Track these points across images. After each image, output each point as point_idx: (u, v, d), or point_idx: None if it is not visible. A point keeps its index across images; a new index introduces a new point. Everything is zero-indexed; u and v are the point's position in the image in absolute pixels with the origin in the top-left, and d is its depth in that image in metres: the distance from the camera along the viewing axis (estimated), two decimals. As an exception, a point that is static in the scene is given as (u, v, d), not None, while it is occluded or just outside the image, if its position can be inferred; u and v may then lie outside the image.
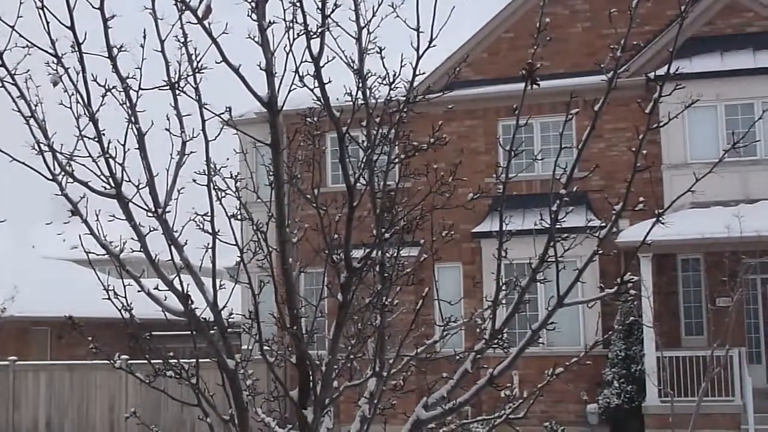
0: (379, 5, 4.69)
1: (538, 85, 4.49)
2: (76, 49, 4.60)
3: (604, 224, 4.86)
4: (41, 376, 24.66)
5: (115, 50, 4.58)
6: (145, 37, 4.54)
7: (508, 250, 4.85)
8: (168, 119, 4.69)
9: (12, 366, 24.88)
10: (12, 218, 51.88)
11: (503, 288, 4.75)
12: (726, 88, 21.42)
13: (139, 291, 4.89)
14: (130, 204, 4.69)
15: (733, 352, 20.45)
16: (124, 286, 4.95)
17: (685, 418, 20.16)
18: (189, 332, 4.80)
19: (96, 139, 4.66)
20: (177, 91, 4.64)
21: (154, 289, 4.77)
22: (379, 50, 4.81)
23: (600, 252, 4.73)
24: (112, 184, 4.67)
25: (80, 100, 4.66)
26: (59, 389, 24.38)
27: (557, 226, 4.57)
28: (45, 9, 4.54)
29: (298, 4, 4.50)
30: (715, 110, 21.53)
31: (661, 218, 4.60)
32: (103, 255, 4.81)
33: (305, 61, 4.55)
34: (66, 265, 31.31)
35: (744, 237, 19.46)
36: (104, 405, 23.50)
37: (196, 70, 4.60)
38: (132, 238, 4.74)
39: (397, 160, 5.04)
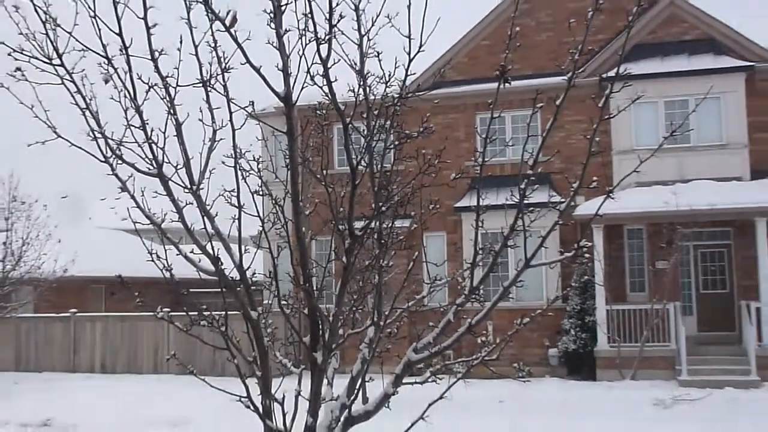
0: (377, 16, 4.67)
1: (510, 84, 4.50)
2: (124, 52, 4.58)
3: (563, 200, 4.87)
4: (97, 326, 24.75)
5: (157, 53, 4.55)
6: (181, 42, 4.52)
7: (484, 221, 4.86)
8: (201, 111, 4.68)
9: (73, 317, 24.96)
10: (72, 195, 51.86)
11: (480, 252, 4.77)
12: (665, 86, 21.40)
13: (177, 255, 4.91)
14: (170, 182, 4.69)
15: (669, 306, 20.56)
16: (165, 251, 4.95)
17: (629, 360, 20.32)
18: (219, 289, 4.83)
19: (141, 128, 4.66)
20: (208, 88, 4.63)
21: (190, 252, 4.78)
22: (377, 54, 4.79)
23: (560, 223, 4.74)
24: (155, 166, 4.67)
25: (127, 95, 4.66)
26: (112, 336, 24.49)
27: (525, 202, 4.60)
28: (97, 18, 4.51)
29: (309, 15, 4.48)
30: (657, 105, 21.52)
31: (610, 195, 4.62)
32: (148, 225, 4.81)
33: (315, 63, 4.54)
34: (117, 234, 31.31)
35: (679, 211, 19.49)
36: (150, 349, 23.63)
37: (225, 71, 4.58)
38: (171, 211, 4.75)
39: (391, 146, 5.03)
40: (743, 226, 21.28)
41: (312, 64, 4.55)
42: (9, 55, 4.61)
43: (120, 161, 4.75)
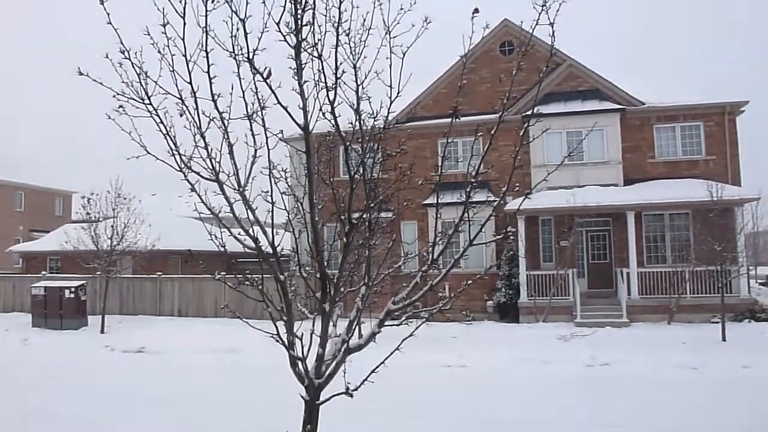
0: (369, 72, 4.62)
1: (459, 119, 4.46)
2: (193, 95, 4.52)
3: (496, 200, 4.84)
4: (175, 284, 24.62)
5: (216, 96, 4.49)
6: (233, 88, 4.46)
7: (441, 214, 4.83)
8: (246, 137, 4.62)
9: (159, 278, 24.83)
10: (159, 193, 51.50)
11: (438, 236, 4.74)
12: (566, 122, 21.47)
13: (229, 236, 4.85)
14: (224, 185, 4.63)
15: (568, 271, 20.68)
16: (221, 233, 4.90)
17: (541, 308, 20.43)
18: (258, 259, 4.77)
19: (204, 148, 4.60)
20: (251, 121, 4.57)
21: (239, 234, 4.73)
22: (368, 98, 4.73)
23: (493, 215, 4.72)
24: (214, 174, 4.61)
25: (195, 125, 4.59)
26: (186, 291, 24.36)
27: (469, 201, 4.56)
28: (175, 72, 4.45)
29: (321, 71, 4.44)
30: (561, 134, 21.57)
31: (528, 196, 4.60)
32: (209, 215, 4.76)
33: (325, 104, 4.49)
34: (189, 221, 31.12)
35: (576, 206, 19.60)
36: (211, 301, 23.51)
37: (262, 108, 4.52)
38: (225, 205, 4.70)
39: (378, 162, 4.99)
40: (618, 217, 21.42)
41: (323, 104, 4.50)
42: (113, 96, 4.55)
43: (190, 170, 4.68)
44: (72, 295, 21.51)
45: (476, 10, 4.36)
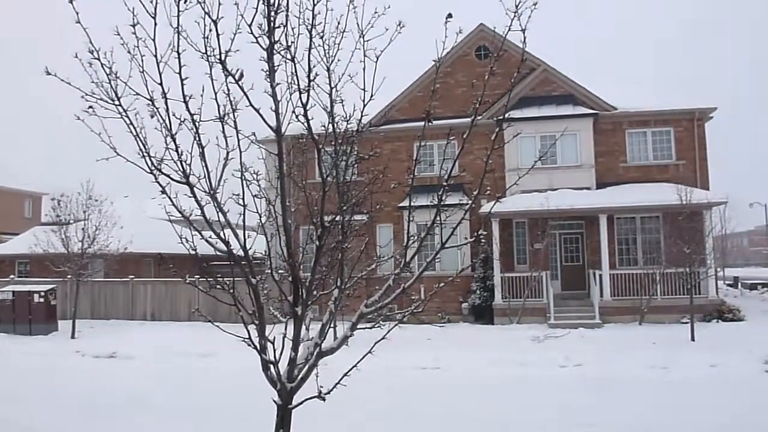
0: (342, 75, 4.61)
1: (432, 123, 4.48)
2: (164, 96, 4.45)
3: (468, 202, 4.87)
4: (148, 288, 24.29)
5: (187, 98, 4.43)
6: (204, 89, 4.41)
7: (415, 216, 4.84)
8: (218, 139, 4.56)
9: (131, 282, 24.46)
10: (132, 195, 50.70)
11: (411, 239, 4.74)
12: (540, 126, 21.71)
13: (200, 239, 4.79)
14: (195, 188, 4.57)
15: (542, 273, 20.89)
16: (192, 236, 4.83)
17: (516, 310, 20.60)
18: (229, 262, 4.72)
19: (175, 150, 4.53)
20: (223, 123, 4.52)
21: (209, 237, 4.66)
22: (341, 101, 4.72)
23: (466, 218, 4.75)
24: (184, 177, 4.55)
25: (166, 127, 4.53)
26: (159, 295, 24.04)
27: (443, 203, 4.58)
28: (145, 72, 4.39)
29: (294, 74, 4.42)
30: (535, 138, 21.79)
31: (499, 200, 4.64)
32: (180, 217, 4.70)
33: (298, 106, 4.47)
34: (162, 223, 30.66)
35: (549, 209, 19.81)
36: (185, 305, 23.24)
37: (234, 110, 4.48)
38: (196, 208, 4.64)
39: (351, 165, 4.98)
40: (591, 220, 21.71)
41: (296, 107, 4.48)
42: (82, 97, 4.46)
43: (160, 173, 4.61)
44: (41, 300, 21.05)
45: (450, 15, 4.39)
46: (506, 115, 4.54)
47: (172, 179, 4.60)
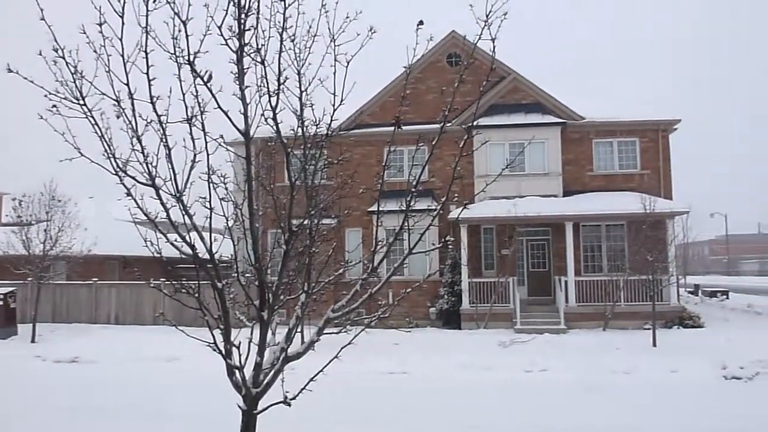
0: (313, 79, 4.62)
1: (402, 128, 4.50)
2: (131, 97, 4.40)
3: (435, 208, 4.90)
4: (112, 291, 23.77)
5: (155, 99, 4.38)
6: (171, 90, 4.36)
7: (384, 221, 4.85)
8: (185, 141, 4.51)
9: (94, 284, 23.91)
10: (97, 196, 49.61)
11: (379, 244, 4.75)
12: (509, 133, 21.93)
13: (166, 242, 4.72)
14: (161, 191, 4.51)
15: (509, 279, 21.10)
16: (158, 239, 4.76)
17: (483, 315, 20.76)
18: (195, 266, 4.66)
19: (141, 152, 4.46)
20: (191, 125, 4.47)
21: (175, 240, 4.60)
22: (311, 105, 4.72)
23: (434, 224, 4.77)
24: (150, 179, 4.48)
25: (132, 128, 4.46)
26: (123, 298, 23.55)
27: (410, 209, 4.60)
28: (111, 72, 4.32)
29: (264, 76, 4.40)
30: (504, 146, 22.01)
31: (466, 206, 4.68)
32: (146, 219, 4.62)
33: (267, 109, 4.45)
34: (128, 225, 30.06)
35: (517, 216, 20.04)
36: (150, 308, 22.79)
37: (202, 112, 4.44)
38: (162, 210, 4.57)
39: (320, 169, 4.97)
40: (557, 227, 22.04)
41: (265, 110, 4.46)
42: (45, 96, 4.37)
43: (125, 174, 4.54)
44: (0, 303, 20.43)
45: (421, 22, 4.43)
46: (475, 123, 4.60)
47: (137, 181, 4.53)
